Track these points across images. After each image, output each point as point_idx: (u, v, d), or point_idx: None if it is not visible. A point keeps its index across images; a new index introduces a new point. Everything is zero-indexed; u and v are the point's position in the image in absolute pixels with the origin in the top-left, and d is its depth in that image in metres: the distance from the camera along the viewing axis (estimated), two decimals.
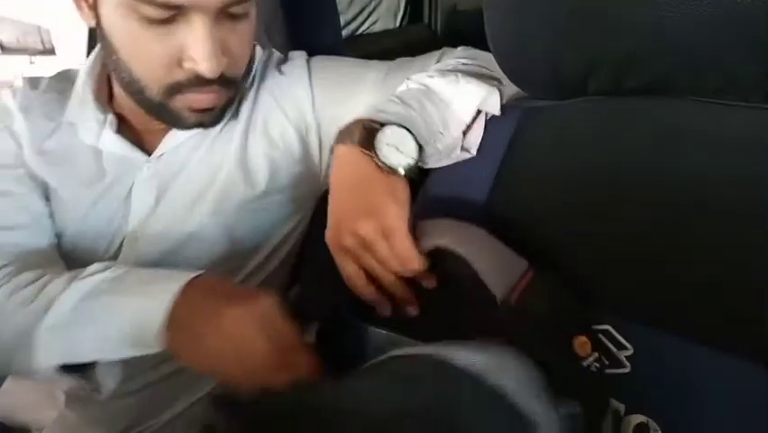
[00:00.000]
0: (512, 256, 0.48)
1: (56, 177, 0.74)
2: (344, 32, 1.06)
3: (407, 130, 0.60)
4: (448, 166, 0.64)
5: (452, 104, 0.64)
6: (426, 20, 1.07)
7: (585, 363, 0.43)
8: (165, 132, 0.76)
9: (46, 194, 0.75)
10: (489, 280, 0.47)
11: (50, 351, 0.58)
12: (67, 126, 0.76)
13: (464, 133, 0.64)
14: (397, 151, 0.59)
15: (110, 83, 0.77)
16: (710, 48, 0.48)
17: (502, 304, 0.45)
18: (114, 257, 0.74)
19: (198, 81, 0.65)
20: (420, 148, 0.60)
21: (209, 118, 0.72)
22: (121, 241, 0.75)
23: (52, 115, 0.76)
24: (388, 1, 1.14)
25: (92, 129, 0.75)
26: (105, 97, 0.77)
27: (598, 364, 0.44)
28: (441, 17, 1.02)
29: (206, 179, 0.76)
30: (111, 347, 0.58)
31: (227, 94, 0.71)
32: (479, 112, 0.65)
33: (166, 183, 0.76)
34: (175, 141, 0.76)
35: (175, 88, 0.65)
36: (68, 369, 0.60)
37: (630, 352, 0.45)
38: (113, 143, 0.75)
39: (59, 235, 0.75)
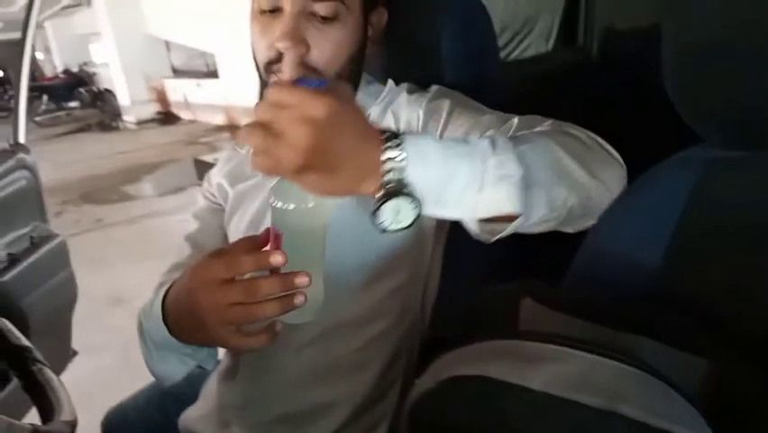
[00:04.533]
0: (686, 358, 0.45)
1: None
2: None
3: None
4: (616, 219, 0.61)
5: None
6: (581, 41, 1.03)
7: None
8: None
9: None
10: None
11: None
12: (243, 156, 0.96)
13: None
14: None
15: None
16: None
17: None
18: None
19: (281, 59, 0.75)
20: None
21: None
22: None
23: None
24: (540, 26, 1.12)
25: None
26: None
27: None
28: (596, 39, 0.98)
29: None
30: None
31: None
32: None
33: None
34: None
35: (269, 65, 0.78)
36: None
37: None
38: None
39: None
